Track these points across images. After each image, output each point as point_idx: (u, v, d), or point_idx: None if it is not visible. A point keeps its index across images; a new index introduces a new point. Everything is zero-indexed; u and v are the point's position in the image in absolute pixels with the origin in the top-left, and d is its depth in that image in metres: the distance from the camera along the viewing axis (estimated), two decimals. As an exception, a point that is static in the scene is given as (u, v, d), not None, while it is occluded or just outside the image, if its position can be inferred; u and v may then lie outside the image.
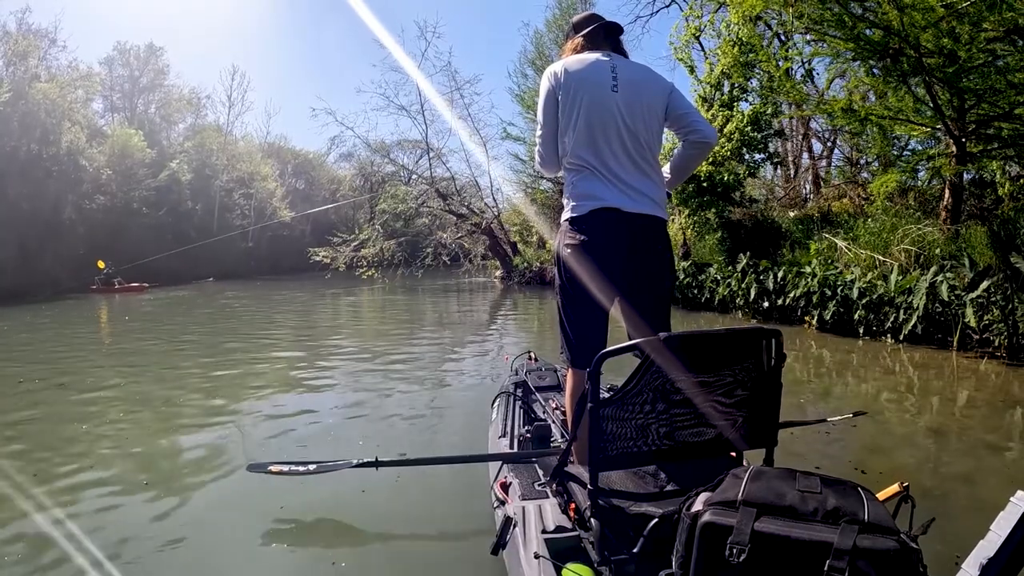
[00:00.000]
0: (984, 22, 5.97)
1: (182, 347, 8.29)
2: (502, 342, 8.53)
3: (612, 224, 2.07)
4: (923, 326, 6.97)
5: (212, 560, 2.47)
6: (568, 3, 22.83)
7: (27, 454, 3.84)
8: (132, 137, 25.99)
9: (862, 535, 1.21)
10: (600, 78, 2.14)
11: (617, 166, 2.10)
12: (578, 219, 2.11)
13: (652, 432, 1.71)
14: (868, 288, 7.60)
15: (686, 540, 1.36)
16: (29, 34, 23.13)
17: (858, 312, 7.54)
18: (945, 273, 6.85)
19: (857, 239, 9.05)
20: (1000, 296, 6.40)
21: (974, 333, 6.60)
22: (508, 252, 21.16)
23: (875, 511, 1.28)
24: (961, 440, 3.90)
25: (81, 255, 21.20)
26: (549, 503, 1.99)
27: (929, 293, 6.86)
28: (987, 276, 6.46)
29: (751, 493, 1.34)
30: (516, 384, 3.46)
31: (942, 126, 8.01)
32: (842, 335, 7.80)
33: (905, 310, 7.09)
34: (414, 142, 22.74)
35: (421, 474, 3.13)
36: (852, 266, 8.29)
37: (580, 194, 2.12)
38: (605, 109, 2.11)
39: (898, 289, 7.18)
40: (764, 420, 1.81)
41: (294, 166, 42.99)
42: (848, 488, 1.35)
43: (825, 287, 8.08)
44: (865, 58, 7.03)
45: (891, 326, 7.23)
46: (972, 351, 6.59)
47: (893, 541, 1.20)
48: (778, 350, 1.73)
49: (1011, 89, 6.78)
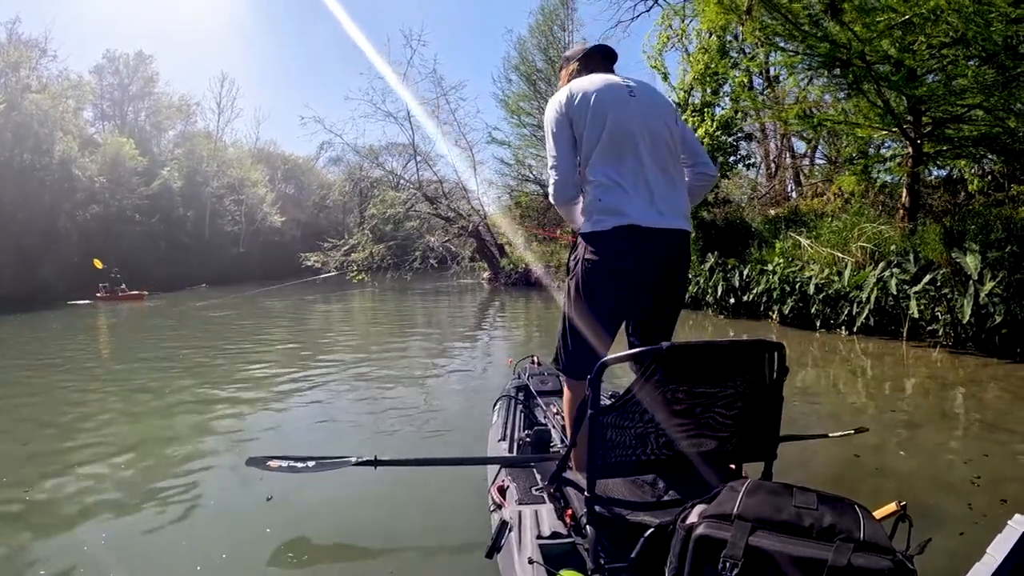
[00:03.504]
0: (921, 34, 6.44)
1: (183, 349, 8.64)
2: (500, 342, 8.92)
3: (638, 242, 1.99)
4: (876, 319, 7.46)
5: (206, 558, 2.48)
6: (551, 9, 23.38)
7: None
8: (124, 145, 26.34)
9: (857, 553, 1.21)
10: (617, 94, 2.10)
11: (646, 178, 2.04)
12: (602, 235, 2.02)
13: (651, 441, 1.71)
14: (825, 284, 8.09)
15: (680, 552, 1.37)
16: (21, 45, 23.40)
17: (815, 306, 8.04)
18: (892, 268, 7.34)
19: (820, 237, 9.54)
20: (948, 289, 6.87)
21: (927, 324, 7.08)
22: (495, 254, 21.62)
23: (871, 530, 1.28)
24: (885, 417, 4.36)
25: (76, 262, 21.51)
26: (546, 508, 1.99)
27: (880, 287, 7.36)
28: (930, 270, 6.95)
29: (747, 507, 1.34)
30: (518, 387, 3.42)
31: (897, 129, 8.51)
32: (801, 328, 8.29)
33: (858, 304, 7.58)
34: (402, 146, 23.22)
35: (419, 475, 3.12)
36: (812, 263, 8.78)
37: (605, 208, 2.01)
38: (629, 122, 2.06)
39: (852, 284, 7.67)
40: (764, 433, 1.81)
41: (283, 171, 43.32)
42: (845, 505, 1.35)
43: (785, 283, 8.58)
44: (816, 68, 7.52)
45: (846, 319, 7.72)
46: (922, 341, 7.08)
47: (888, 560, 1.20)
48: (780, 363, 1.73)
49: (952, 96, 7.27)
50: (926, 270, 7.01)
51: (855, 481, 3.15)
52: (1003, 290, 6.42)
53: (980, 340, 6.58)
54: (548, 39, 23.27)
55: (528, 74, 23.58)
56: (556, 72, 18.06)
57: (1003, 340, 6.40)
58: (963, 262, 6.72)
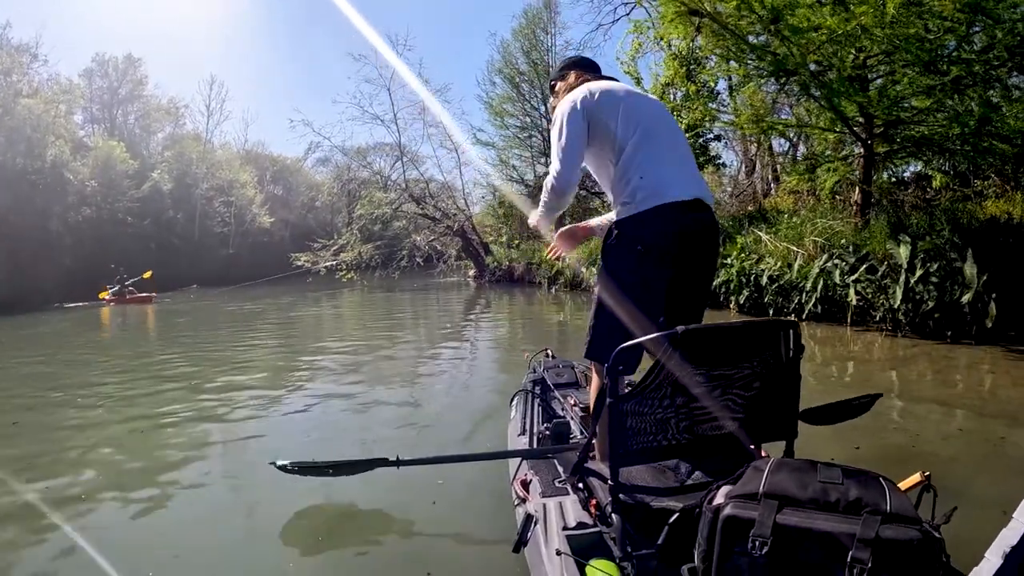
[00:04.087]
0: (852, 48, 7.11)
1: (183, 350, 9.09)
2: (498, 337, 9.44)
3: (680, 218, 2.06)
4: (823, 307, 8.15)
5: (230, 559, 2.51)
6: (534, 12, 23.99)
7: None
8: (115, 149, 26.70)
9: (884, 525, 1.22)
10: (628, 91, 2.24)
11: (678, 161, 2.17)
12: (645, 217, 2.06)
13: (672, 426, 1.72)
14: (778, 275, 8.77)
15: (708, 534, 1.37)
16: (12, 50, 23.70)
17: (768, 296, 8.73)
18: (835, 260, 8.03)
19: (778, 232, 10.22)
20: (889, 279, 7.53)
21: (874, 311, 7.74)
22: (480, 252, 22.26)
23: (897, 501, 1.29)
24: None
25: (68, 266, 21.88)
26: (570, 500, 2.00)
27: (824, 278, 8.04)
28: (865, 261, 7.64)
29: (772, 485, 1.35)
30: (534, 382, 3.44)
31: (848, 131, 9.18)
32: (756, 316, 8.98)
33: (806, 293, 8.26)
34: (389, 146, 23.85)
35: (440, 472, 3.14)
36: (769, 256, 9.45)
37: (647, 189, 2.07)
38: (652, 114, 2.19)
39: (800, 275, 8.35)
40: (783, 412, 1.82)
41: (272, 172, 43.68)
42: (870, 478, 1.36)
43: (742, 275, 9.26)
44: (766, 77, 8.19)
45: (796, 307, 8.41)
46: (865, 326, 7.75)
47: (916, 531, 1.21)
48: (796, 341, 1.75)
49: (889, 101, 7.94)
50: (863, 261, 7.70)
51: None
52: (939, 278, 7.04)
53: (915, 324, 7.22)
54: (531, 42, 23.86)
55: (511, 77, 24.16)
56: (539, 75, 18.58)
57: (936, 324, 7.03)
58: (896, 253, 7.40)
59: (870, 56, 7.89)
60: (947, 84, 7.29)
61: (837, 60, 7.65)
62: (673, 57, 12.67)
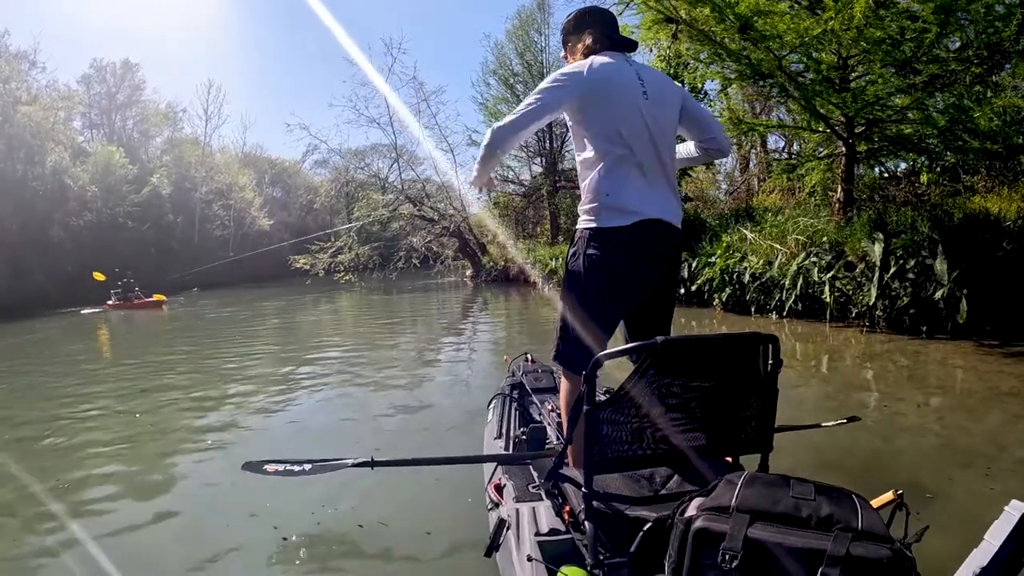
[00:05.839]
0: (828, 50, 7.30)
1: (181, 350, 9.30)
2: (487, 335, 9.62)
3: (643, 239, 2.03)
4: (803, 304, 8.33)
5: (202, 560, 2.52)
6: (528, 13, 24.15)
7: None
8: (114, 154, 27.01)
9: (855, 543, 1.22)
10: (632, 86, 2.08)
11: (652, 176, 2.07)
12: (608, 232, 2.04)
13: (647, 436, 1.72)
14: (760, 273, 8.96)
15: (679, 545, 1.38)
16: (11, 58, 23.95)
17: (750, 294, 8.92)
18: (812, 258, 8.22)
19: (763, 230, 10.39)
20: (864, 277, 7.70)
21: (854, 307, 7.92)
22: (477, 252, 22.49)
23: (869, 519, 1.29)
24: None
25: (70, 271, 22.14)
26: (543, 506, 1.99)
27: (802, 275, 8.23)
28: (841, 258, 7.82)
29: (745, 499, 1.35)
30: (513, 385, 3.38)
31: (828, 130, 9.34)
32: (739, 314, 9.22)
33: (786, 290, 8.45)
34: (386, 147, 24.10)
35: (415, 475, 3.15)
36: (752, 254, 9.62)
37: (612, 205, 2.02)
38: (642, 121, 2.06)
39: (781, 273, 8.54)
40: (760, 425, 1.82)
41: (271, 175, 43.93)
42: (842, 495, 1.36)
43: (725, 273, 9.45)
44: (744, 80, 8.39)
45: (776, 304, 8.60)
46: (843, 322, 7.93)
47: (887, 549, 1.22)
48: (775, 355, 1.73)
49: (860, 100, 8.11)
50: (839, 258, 7.89)
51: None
52: (914, 275, 7.20)
53: (892, 320, 7.38)
54: (525, 43, 24.05)
55: (506, 78, 24.35)
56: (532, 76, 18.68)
57: (912, 320, 7.19)
58: (870, 250, 7.58)
59: (850, 56, 8.06)
60: (918, 84, 7.46)
61: (812, 62, 7.83)
62: (661, 59, 12.83)
